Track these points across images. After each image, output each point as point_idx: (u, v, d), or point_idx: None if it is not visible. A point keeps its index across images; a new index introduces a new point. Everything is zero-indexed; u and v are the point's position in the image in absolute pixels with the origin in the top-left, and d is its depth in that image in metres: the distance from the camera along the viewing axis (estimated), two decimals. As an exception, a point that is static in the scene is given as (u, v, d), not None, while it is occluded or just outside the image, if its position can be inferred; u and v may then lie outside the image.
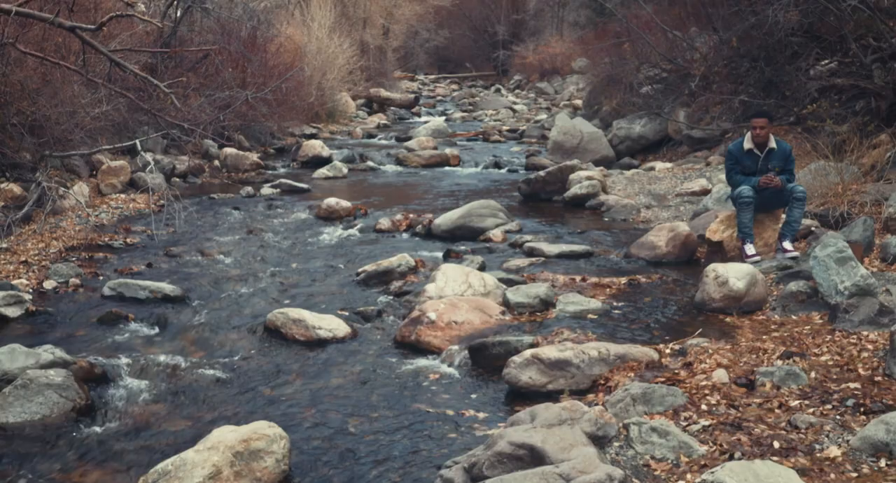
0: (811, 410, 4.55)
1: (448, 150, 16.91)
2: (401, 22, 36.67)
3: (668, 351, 5.50)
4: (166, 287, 7.63)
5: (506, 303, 6.59)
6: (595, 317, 6.34)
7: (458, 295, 6.71)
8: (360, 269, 8.04)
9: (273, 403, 5.25)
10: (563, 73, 35.63)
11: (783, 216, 7.88)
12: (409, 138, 19.22)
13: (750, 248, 7.55)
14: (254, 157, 15.54)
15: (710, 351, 5.43)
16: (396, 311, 6.97)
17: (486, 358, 5.66)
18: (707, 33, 16.42)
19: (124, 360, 5.94)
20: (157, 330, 6.81)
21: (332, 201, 10.97)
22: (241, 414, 5.09)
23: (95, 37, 14.22)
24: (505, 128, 22.32)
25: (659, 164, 13.65)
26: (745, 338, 5.78)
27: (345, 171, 14.91)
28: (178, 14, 16.19)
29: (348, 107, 25.60)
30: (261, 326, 6.66)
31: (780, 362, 5.24)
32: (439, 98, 35.63)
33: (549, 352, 5.22)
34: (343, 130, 22.33)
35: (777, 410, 4.60)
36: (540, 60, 37.37)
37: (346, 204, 11.00)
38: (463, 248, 8.82)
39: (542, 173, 11.91)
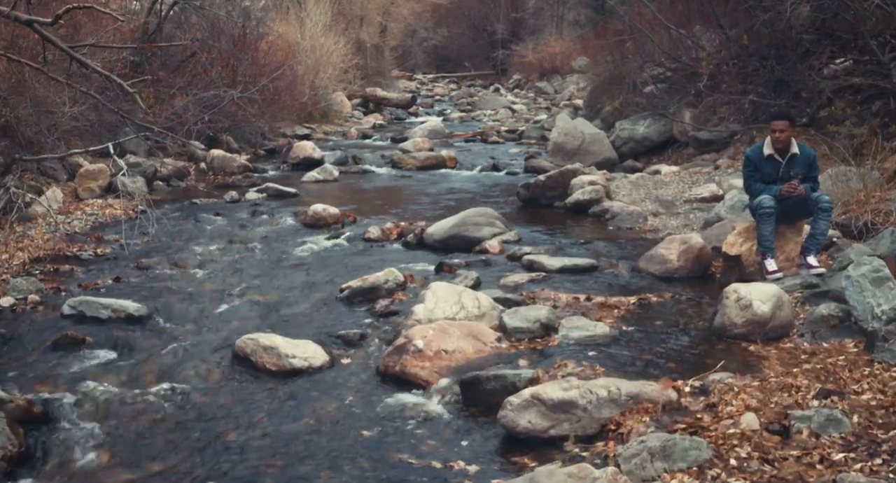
0: (858, 466, 3.84)
1: (444, 152, 16.18)
2: (398, 20, 35.92)
3: (687, 388, 4.78)
4: (130, 306, 6.91)
5: (502, 327, 5.87)
6: (602, 344, 5.62)
7: (450, 318, 5.99)
8: (343, 285, 7.32)
9: (233, 453, 4.52)
10: (563, 72, 34.89)
11: (806, 227, 7.18)
12: (405, 139, 18.50)
13: (771, 264, 6.83)
14: (241, 159, 14.81)
15: (736, 389, 4.71)
16: (381, 335, 6.25)
17: (479, 394, 4.94)
18: (713, 31, 15.69)
19: (71, 397, 5.23)
20: (115, 356, 6.11)
21: (318, 208, 10.25)
22: (195, 467, 4.37)
23: (73, 34, 13.56)
24: (504, 128, 21.58)
25: (665, 168, 12.92)
26: (774, 371, 5.06)
27: (336, 173, 14.18)
28: (163, 10, 15.41)
29: (343, 106, 24.86)
30: (230, 353, 5.94)
31: (816, 403, 4.52)
32: (437, 97, 34.90)
33: (551, 391, 4.50)
34: (338, 131, 21.60)
35: (819, 466, 3.89)
36: (539, 60, 36.62)
37: (333, 210, 10.28)
38: (456, 261, 8.09)
39: (542, 178, 11.18)
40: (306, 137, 19.69)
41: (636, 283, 7.29)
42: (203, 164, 14.77)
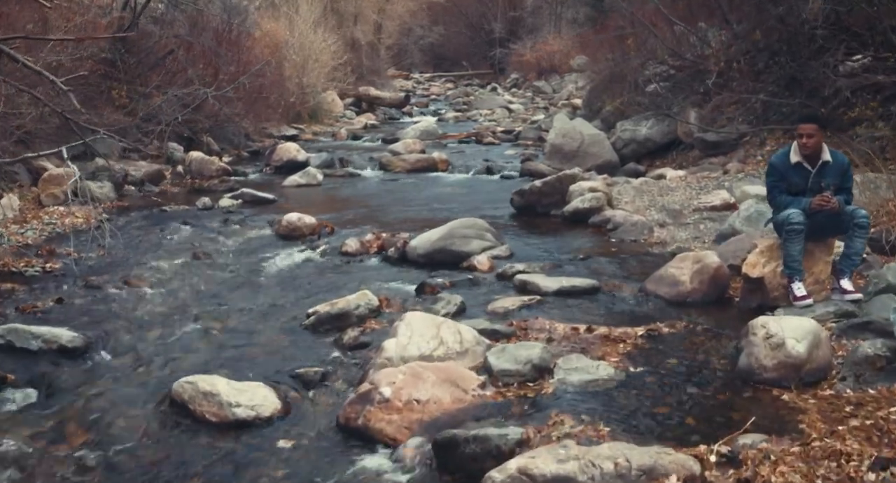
0: None
1: (436, 154, 15.22)
2: (394, 18, 34.96)
3: (712, 457, 3.82)
4: (65, 335, 5.95)
5: (487, 369, 4.91)
6: (606, 391, 4.67)
7: (426, 355, 5.04)
8: (310, 310, 6.37)
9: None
10: (562, 71, 33.93)
11: (838, 245, 6.24)
12: (397, 140, 17.53)
13: (799, 288, 5.88)
14: (219, 161, 13.84)
15: (773, 457, 3.76)
16: (347, 374, 5.30)
17: (457, 458, 4.00)
18: (718, 27, 14.75)
19: (-31, 456, 4.28)
20: (36, 399, 5.16)
21: (293, 217, 9.29)
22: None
23: (42, 29, 12.62)
24: (500, 129, 20.60)
25: (670, 172, 11.96)
26: (816, 430, 4.10)
27: (319, 177, 13.22)
28: (137, 5, 14.43)
29: (335, 106, 23.92)
30: (168, 398, 4.99)
31: (872, 477, 3.59)
32: (433, 97, 33.92)
33: (544, 463, 3.55)
34: (327, 131, 20.64)
35: None
36: (538, 58, 35.66)
37: (309, 220, 9.32)
38: (440, 280, 7.12)
39: (537, 184, 10.21)
40: (294, 138, 18.76)
41: (644, 308, 6.32)
42: (180, 167, 13.81)
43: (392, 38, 36.28)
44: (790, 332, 4.71)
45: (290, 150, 14.86)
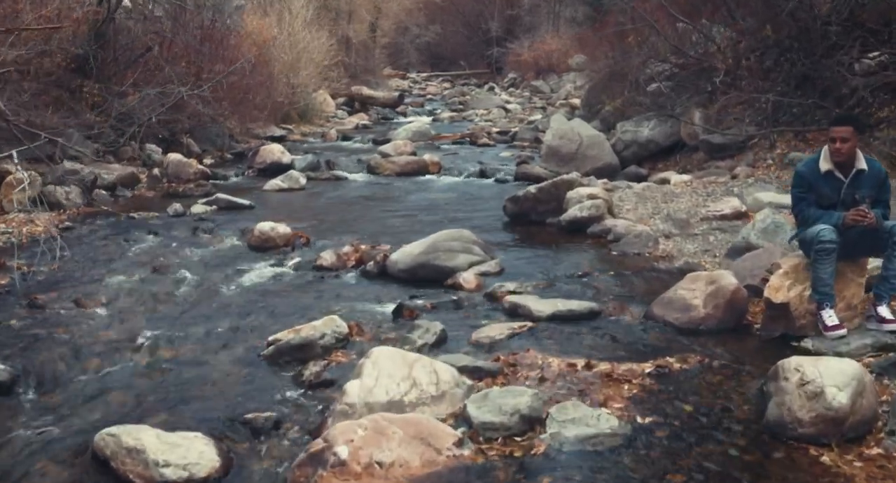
0: None
1: (427, 157, 14.39)
2: (389, 17, 34.10)
3: (744, 549, 3.02)
4: (-12, 368, 5.15)
5: (467, 419, 4.10)
6: (609, 450, 3.85)
7: (395, 401, 4.22)
8: (271, 338, 5.55)
9: None
10: (560, 70, 33.11)
11: (869, 264, 5.44)
12: (388, 141, 16.71)
13: (831, 316, 5.07)
14: (197, 164, 12.99)
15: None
16: (305, 419, 4.49)
17: (424, 542, 3.19)
18: (723, 23, 13.93)
19: None
20: (-60, 449, 4.35)
21: (266, 227, 8.48)
22: None
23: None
24: (495, 129, 19.75)
25: (674, 177, 11.13)
26: (868, 507, 3.30)
27: (302, 181, 12.39)
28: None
29: (327, 106, 23.09)
30: (90, 450, 4.18)
31: None
32: (429, 97, 33.07)
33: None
34: (317, 132, 19.79)
35: None
36: (535, 58, 34.83)
37: (283, 230, 8.51)
38: (420, 302, 6.30)
39: (532, 190, 9.37)
40: (282, 139, 17.92)
41: (650, 338, 5.50)
42: (157, 171, 12.98)
43: (388, 37, 35.43)
44: (830, 378, 3.90)
45: (274, 151, 14.04)
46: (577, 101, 21.86)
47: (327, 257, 7.67)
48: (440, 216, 9.91)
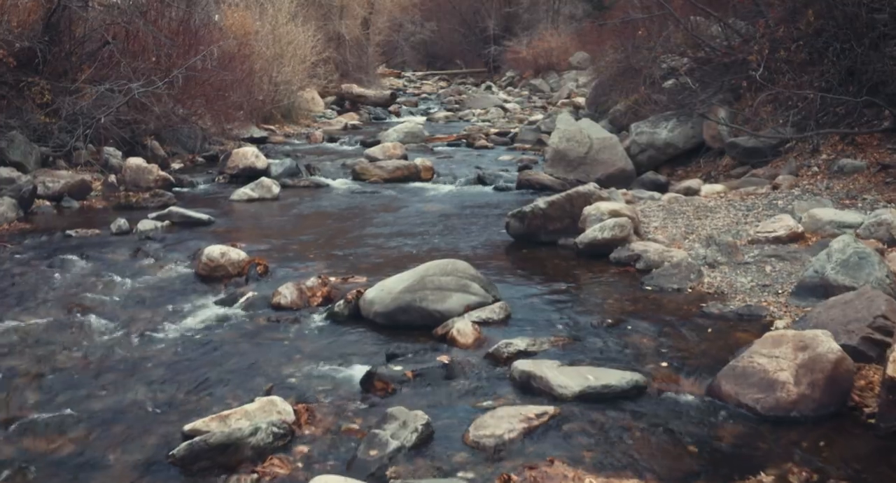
0: None
1: (419, 161, 12.68)
2: (383, 13, 32.32)
3: None
4: None
5: None
6: None
7: None
8: (188, 427, 3.89)
9: None
10: (560, 69, 31.47)
11: None
12: (378, 143, 15.01)
13: None
14: (159, 171, 11.27)
15: None
16: None
17: None
18: (752, 11, 12.23)
19: None
20: None
21: (215, 252, 6.78)
22: None
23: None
24: (493, 130, 18.02)
25: (705, 187, 9.42)
26: None
27: (275, 190, 10.69)
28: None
29: (315, 105, 21.36)
30: None
31: None
32: (424, 96, 31.33)
33: None
34: (302, 133, 18.06)
35: None
36: (534, 55, 33.11)
37: (237, 255, 6.81)
38: (399, 369, 4.58)
39: (541, 205, 7.66)
40: (262, 141, 16.23)
41: (725, 432, 3.81)
42: (113, 178, 11.27)
43: (382, 34, 33.60)
44: None
45: (248, 155, 12.32)
46: (581, 100, 20.16)
47: (287, 293, 5.98)
48: (431, 234, 8.25)
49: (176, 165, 13.06)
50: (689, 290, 6.02)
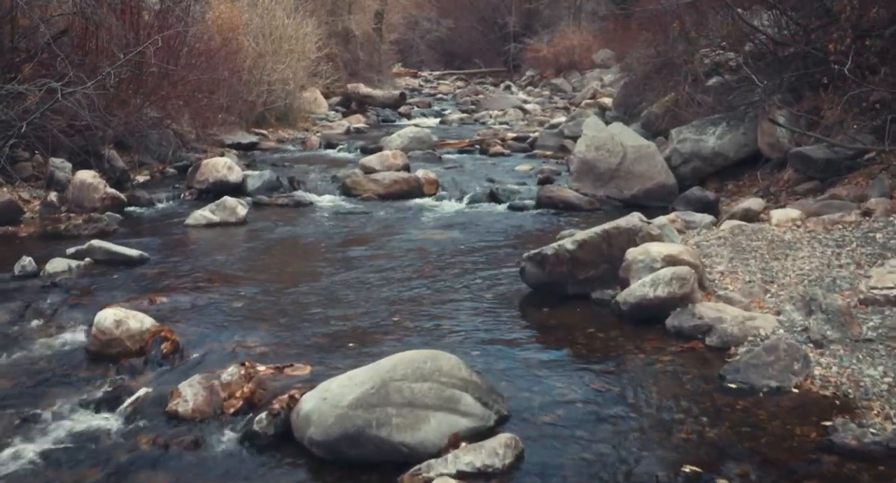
0: None
1: (421, 173, 10.59)
2: (396, 9, 30.24)
3: None
4: None
5: None
6: None
7: None
8: None
9: None
10: (583, 67, 29.32)
11: None
12: (380, 149, 12.97)
13: None
14: (106, 188, 9.25)
15: None
16: None
17: None
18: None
19: None
20: None
21: (109, 321, 4.72)
22: None
23: None
24: (511, 135, 15.83)
25: (776, 213, 7.20)
26: None
27: (241, 212, 8.65)
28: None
29: (317, 106, 19.33)
30: None
31: None
32: (439, 96, 29.21)
33: None
34: (298, 138, 16.01)
35: None
36: (556, 54, 30.98)
37: (137, 325, 4.75)
38: None
39: (568, 246, 5.53)
40: (252, 147, 14.26)
41: None
42: (54, 196, 9.30)
43: (396, 32, 31.53)
44: None
45: (219, 167, 10.29)
46: (607, 100, 17.96)
47: (190, 395, 3.94)
48: (419, 283, 6.17)
49: (141, 178, 11.07)
50: (795, 391, 3.91)
